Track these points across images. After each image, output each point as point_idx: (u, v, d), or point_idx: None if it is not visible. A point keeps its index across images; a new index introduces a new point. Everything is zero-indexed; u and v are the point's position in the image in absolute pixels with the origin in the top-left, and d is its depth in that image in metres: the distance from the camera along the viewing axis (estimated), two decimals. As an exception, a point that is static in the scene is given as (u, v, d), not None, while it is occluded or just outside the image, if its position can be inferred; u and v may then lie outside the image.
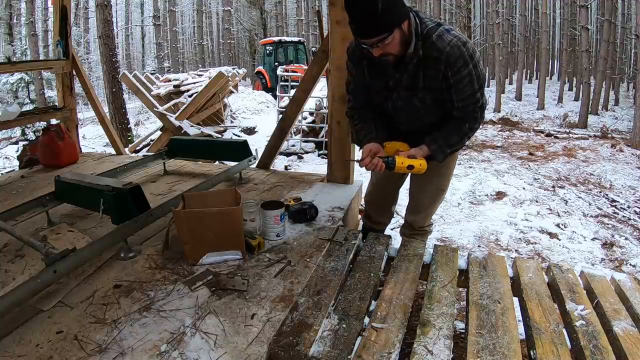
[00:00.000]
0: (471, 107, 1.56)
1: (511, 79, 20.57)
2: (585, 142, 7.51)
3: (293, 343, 1.17)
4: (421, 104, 1.58)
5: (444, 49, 1.43)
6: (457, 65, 1.45)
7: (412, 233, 2.04)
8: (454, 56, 1.43)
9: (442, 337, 1.22)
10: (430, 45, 1.44)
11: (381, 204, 2.10)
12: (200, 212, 1.59)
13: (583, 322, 1.31)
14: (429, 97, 1.56)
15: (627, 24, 18.25)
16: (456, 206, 4.04)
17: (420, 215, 2.01)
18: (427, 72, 1.50)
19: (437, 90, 1.53)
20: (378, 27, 1.36)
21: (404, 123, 1.72)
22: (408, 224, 2.07)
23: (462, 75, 1.47)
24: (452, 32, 1.45)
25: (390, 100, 1.63)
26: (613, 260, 3.01)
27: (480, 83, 1.52)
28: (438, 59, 1.45)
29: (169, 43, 24.01)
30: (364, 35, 1.40)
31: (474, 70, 1.48)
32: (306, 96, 2.91)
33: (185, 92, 7.12)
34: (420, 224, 2.03)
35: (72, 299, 1.41)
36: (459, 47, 1.43)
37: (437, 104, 1.58)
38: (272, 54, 14.42)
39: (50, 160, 3.06)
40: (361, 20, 1.37)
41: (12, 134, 8.40)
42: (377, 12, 1.32)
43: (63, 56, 3.33)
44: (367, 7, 1.32)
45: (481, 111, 1.59)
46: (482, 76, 1.53)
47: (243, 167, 2.67)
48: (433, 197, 1.94)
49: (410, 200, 2.02)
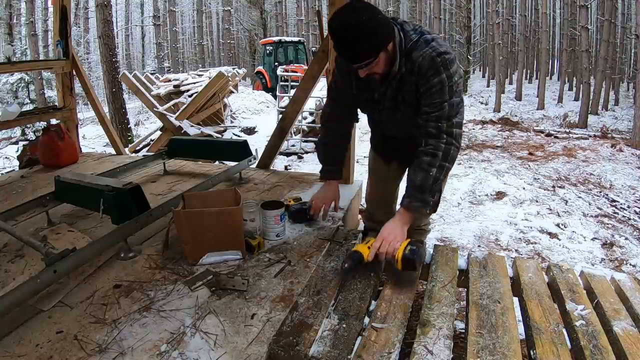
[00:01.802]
0: (434, 116, 1.44)
1: (511, 79, 20.56)
2: (585, 142, 7.51)
3: (293, 343, 1.17)
4: (402, 116, 1.59)
5: (416, 61, 1.43)
6: (428, 74, 1.42)
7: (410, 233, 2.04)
8: (425, 66, 1.42)
9: (442, 337, 1.22)
10: (408, 59, 1.45)
11: (384, 202, 2.10)
12: (200, 212, 1.59)
13: (583, 322, 1.31)
14: (408, 110, 1.55)
15: (627, 24, 18.24)
16: (456, 206, 4.04)
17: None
18: (404, 86, 1.50)
19: (414, 102, 1.51)
20: (363, 53, 1.36)
21: (390, 130, 1.77)
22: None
23: (432, 84, 1.43)
24: (431, 43, 1.42)
25: (377, 111, 1.65)
26: (613, 260, 3.01)
27: (452, 96, 1.43)
28: (412, 70, 1.45)
29: (169, 43, 24.00)
30: (349, 60, 1.41)
31: (447, 80, 1.41)
32: (306, 96, 2.91)
33: (185, 92, 7.13)
34: (417, 223, 2.04)
35: (72, 299, 1.41)
36: (432, 58, 1.41)
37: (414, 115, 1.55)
38: (272, 54, 14.43)
39: (50, 160, 3.06)
40: (346, 46, 1.37)
41: (12, 134, 8.41)
42: (362, 39, 1.33)
43: (63, 56, 3.33)
44: (352, 33, 1.32)
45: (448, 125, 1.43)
46: (456, 91, 1.45)
47: (243, 167, 2.67)
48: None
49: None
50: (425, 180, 1.45)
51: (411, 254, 1.42)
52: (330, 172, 1.88)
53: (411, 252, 1.43)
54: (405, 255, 1.42)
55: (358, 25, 1.31)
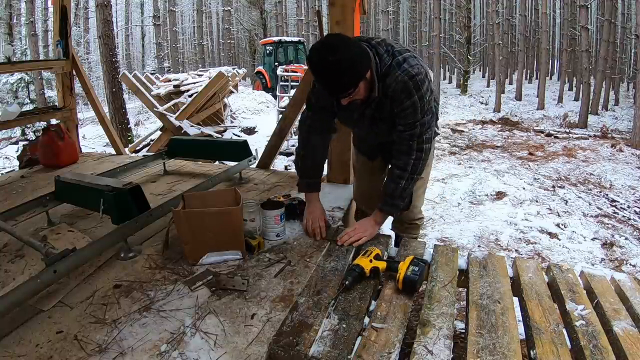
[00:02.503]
0: (407, 134, 1.61)
1: (511, 79, 20.56)
2: (585, 142, 7.51)
3: (293, 343, 1.17)
4: (380, 131, 1.71)
5: (390, 85, 1.51)
6: (401, 97, 1.52)
7: (403, 227, 2.10)
8: (398, 91, 1.51)
9: (442, 337, 1.22)
10: (383, 83, 1.52)
11: (372, 196, 2.08)
12: (200, 212, 1.59)
13: (583, 322, 1.31)
14: (385, 126, 1.67)
15: (627, 24, 18.24)
16: (456, 206, 4.04)
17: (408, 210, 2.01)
18: (381, 107, 1.59)
19: (390, 120, 1.63)
20: (344, 86, 1.42)
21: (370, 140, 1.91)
22: (398, 219, 2.09)
23: (405, 106, 1.54)
24: (402, 65, 1.49)
25: (356, 127, 1.81)
26: (613, 260, 3.01)
27: (423, 115, 1.56)
28: (386, 94, 1.54)
29: (169, 43, 24.01)
30: (331, 93, 1.48)
31: (419, 101, 1.52)
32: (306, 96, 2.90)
33: (185, 92, 7.12)
34: (411, 217, 2.07)
35: (72, 299, 1.41)
36: (404, 82, 1.49)
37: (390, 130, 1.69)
38: (272, 54, 14.43)
39: (50, 160, 3.06)
40: (327, 82, 1.43)
41: (12, 134, 8.40)
42: (341, 74, 1.38)
43: (63, 56, 3.33)
44: (331, 70, 1.37)
45: (418, 142, 1.61)
46: (427, 109, 1.57)
47: (243, 167, 2.67)
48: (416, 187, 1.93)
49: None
50: (395, 191, 1.68)
51: (414, 275, 1.41)
52: (310, 185, 1.86)
53: (413, 273, 1.41)
54: (407, 276, 1.40)
55: (337, 62, 1.35)
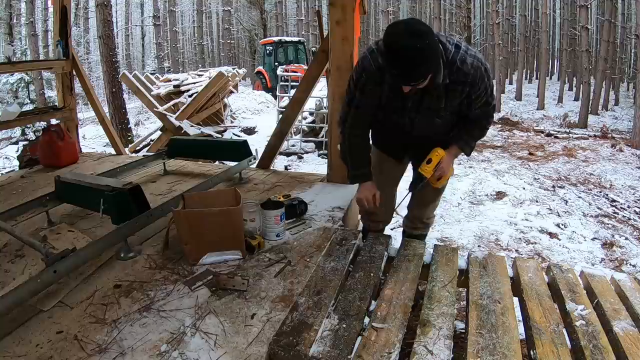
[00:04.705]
0: (485, 110, 1.71)
1: (511, 79, 20.55)
2: (585, 142, 7.51)
3: (293, 343, 1.17)
4: (441, 120, 1.70)
5: (469, 72, 1.52)
6: (479, 84, 1.57)
7: (415, 226, 2.12)
8: (477, 77, 1.54)
9: (442, 337, 1.22)
10: (456, 70, 1.51)
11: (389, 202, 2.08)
12: (200, 212, 1.59)
13: (583, 322, 1.31)
14: (448, 113, 1.67)
15: (627, 24, 18.23)
16: (456, 206, 4.04)
17: (427, 208, 2.07)
18: (450, 94, 1.58)
19: (457, 106, 1.65)
20: (419, 75, 1.41)
21: (416, 132, 1.76)
22: (414, 217, 2.11)
23: (482, 91, 1.60)
24: (469, 51, 1.53)
25: (407, 117, 1.70)
26: (613, 260, 3.01)
27: (491, 90, 1.66)
28: (464, 82, 1.54)
29: (169, 43, 23.99)
30: (404, 81, 1.45)
31: (488, 82, 1.61)
32: (306, 96, 2.91)
33: (185, 92, 7.11)
34: (428, 215, 2.10)
35: (72, 299, 1.41)
36: (480, 69, 1.53)
37: (454, 116, 1.72)
38: (272, 54, 14.41)
39: (50, 160, 3.06)
40: (405, 68, 1.39)
41: (12, 134, 8.39)
42: (423, 62, 1.37)
43: (63, 56, 3.33)
44: (416, 57, 1.35)
45: (493, 110, 1.78)
46: (493, 84, 1.69)
47: (243, 167, 2.67)
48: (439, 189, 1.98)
49: (416, 195, 2.02)
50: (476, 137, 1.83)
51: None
52: (361, 175, 1.83)
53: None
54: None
55: (420, 49, 1.33)
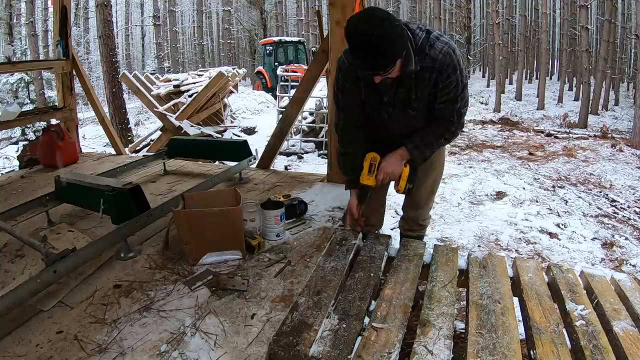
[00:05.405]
0: (449, 109, 1.61)
1: (511, 79, 20.53)
2: (585, 142, 7.51)
3: (293, 343, 1.17)
4: (415, 112, 1.64)
5: (436, 58, 1.48)
6: (447, 72, 1.50)
7: (411, 228, 2.09)
8: (445, 63, 1.48)
9: (442, 337, 1.22)
10: (424, 56, 1.48)
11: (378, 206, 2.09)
12: (200, 212, 1.59)
13: (583, 322, 1.31)
14: (421, 105, 1.62)
15: (627, 24, 18.22)
16: (456, 206, 4.04)
17: (421, 210, 2.05)
18: (419, 82, 1.54)
19: (427, 96, 1.59)
20: (384, 62, 1.38)
21: (395, 129, 1.75)
22: (409, 219, 2.09)
23: (450, 81, 1.53)
24: (441, 38, 1.49)
25: (386, 113, 1.68)
26: (613, 260, 3.01)
27: (462, 87, 1.57)
28: (432, 67, 1.50)
29: (169, 43, 23.99)
30: (369, 69, 1.42)
31: (460, 75, 1.53)
32: (306, 96, 2.91)
33: (185, 92, 7.11)
34: (423, 217, 2.08)
35: (72, 299, 1.41)
36: (449, 55, 1.48)
37: (427, 109, 1.65)
38: (272, 54, 14.41)
39: (50, 160, 3.06)
40: (367, 57, 1.37)
41: (12, 134, 8.39)
42: (385, 49, 1.34)
43: (63, 56, 3.33)
44: (374, 44, 1.32)
45: (458, 115, 1.64)
46: (465, 80, 1.58)
47: (243, 167, 2.67)
48: (431, 189, 1.99)
49: (408, 197, 2.02)
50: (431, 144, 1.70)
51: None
52: (351, 181, 1.83)
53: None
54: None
55: (380, 35, 1.31)
